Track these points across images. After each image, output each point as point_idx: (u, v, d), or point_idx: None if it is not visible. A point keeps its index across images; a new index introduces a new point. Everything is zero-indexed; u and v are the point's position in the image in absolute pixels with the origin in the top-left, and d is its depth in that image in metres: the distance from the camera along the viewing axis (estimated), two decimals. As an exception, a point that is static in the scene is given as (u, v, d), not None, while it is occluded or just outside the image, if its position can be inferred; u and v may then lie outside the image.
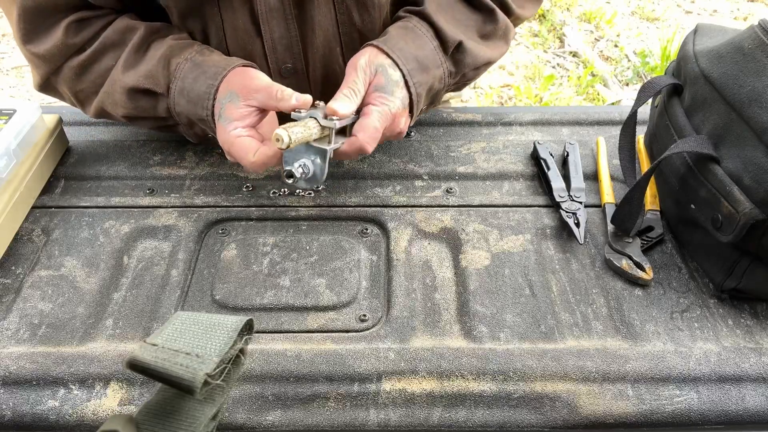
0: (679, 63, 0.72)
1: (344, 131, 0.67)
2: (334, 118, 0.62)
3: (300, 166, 0.63)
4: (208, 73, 0.67)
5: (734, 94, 0.60)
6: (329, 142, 0.64)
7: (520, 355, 0.58)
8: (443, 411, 0.54)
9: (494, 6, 0.76)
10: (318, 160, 0.64)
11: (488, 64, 0.78)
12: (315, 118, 0.62)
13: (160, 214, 0.72)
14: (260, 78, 0.66)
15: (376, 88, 0.67)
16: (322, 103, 0.64)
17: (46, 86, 0.76)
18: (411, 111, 0.71)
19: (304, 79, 0.78)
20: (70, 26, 0.70)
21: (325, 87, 0.79)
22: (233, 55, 0.74)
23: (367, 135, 0.65)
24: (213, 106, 0.66)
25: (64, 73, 0.73)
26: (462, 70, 0.75)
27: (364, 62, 0.67)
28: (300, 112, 0.63)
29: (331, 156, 0.64)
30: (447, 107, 0.93)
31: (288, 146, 0.57)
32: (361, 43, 0.77)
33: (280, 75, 0.76)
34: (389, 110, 0.66)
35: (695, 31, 0.72)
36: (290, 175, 0.63)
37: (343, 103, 0.64)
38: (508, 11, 0.78)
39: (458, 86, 0.80)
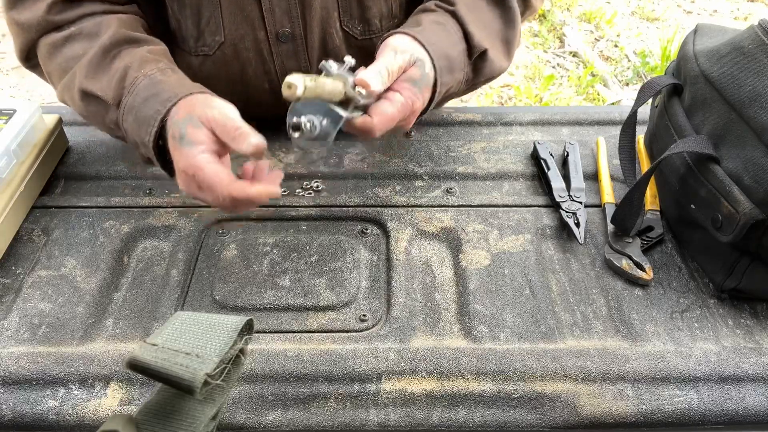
0: (679, 63, 0.71)
1: (363, 106, 0.62)
2: (363, 91, 0.58)
3: (309, 121, 0.56)
4: (161, 96, 0.62)
5: (734, 94, 0.60)
6: (346, 110, 0.58)
7: (520, 355, 0.57)
8: (443, 411, 0.54)
9: (516, 5, 0.74)
10: (327, 123, 0.57)
11: (495, 77, 0.77)
12: (343, 83, 0.56)
13: (160, 214, 0.72)
14: (221, 108, 0.59)
15: (409, 79, 0.63)
16: (352, 61, 0.58)
17: (27, 58, 0.75)
18: (424, 109, 0.69)
19: (302, 45, 0.77)
20: (56, 3, 0.69)
21: (321, 54, 0.78)
22: (231, 20, 0.72)
23: (383, 121, 0.61)
24: (155, 133, 0.62)
25: (40, 48, 0.72)
26: (478, 78, 0.74)
27: (402, 46, 0.64)
28: (330, 65, 0.56)
29: (342, 125, 0.59)
30: (447, 107, 0.93)
31: (299, 98, 0.50)
32: (359, 8, 0.76)
33: (277, 39, 0.75)
34: (412, 104, 0.63)
35: (695, 31, 0.72)
36: (297, 127, 0.56)
37: (377, 80, 0.59)
38: (527, 5, 0.76)
39: (461, 94, 0.80)
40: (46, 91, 2.46)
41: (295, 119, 0.57)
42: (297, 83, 0.49)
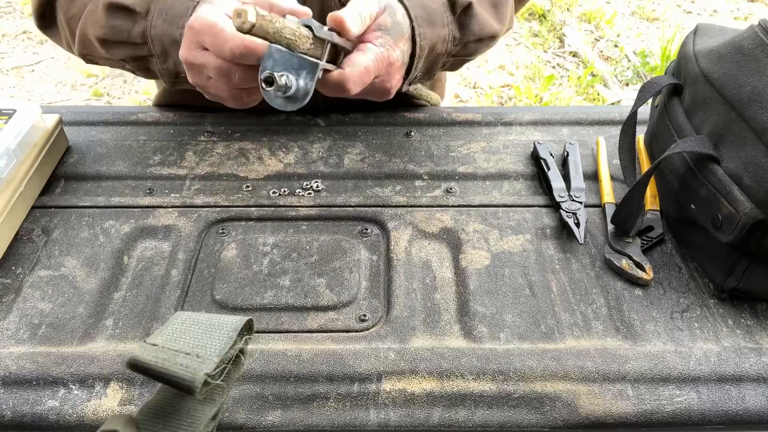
0: (679, 63, 0.72)
1: (335, 60, 0.56)
2: (334, 30, 0.53)
3: (283, 75, 0.52)
4: None
5: (734, 94, 0.60)
6: (317, 60, 0.53)
7: (520, 355, 0.58)
8: (443, 411, 0.54)
9: None
10: (303, 77, 0.53)
11: (492, 39, 0.74)
12: (309, 27, 0.52)
13: (160, 214, 0.72)
14: None
15: (379, 27, 0.58)
16: (314, 22, 0.53)
17: (41, 16, 0.73)
18: (408, 71, 0.65)
19: None
20: None
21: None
22: None
23: (356, 72, 0.55)
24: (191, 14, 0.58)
25: None
26: (467, 37, 0.70)
27: None
28: (314, 22, 0.53)
29: (320, 76, 0.54)
30: (447, 107, 0.93)
31: (250, 30, 0.45)
32: None
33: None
34: (387, 55, 0.58)
35: (695, 31, 0.72)
36: (269, 81, 0.52)
37: (354, 20, 0.54)
38: None
39: (456, 62, 0.76)
40: (46, 91, 2.46)
41: (266, 73, 0.52)
42: (248, 9, 0.44)
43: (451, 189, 0.76)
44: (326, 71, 0.56)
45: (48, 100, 2.40)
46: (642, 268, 0.65)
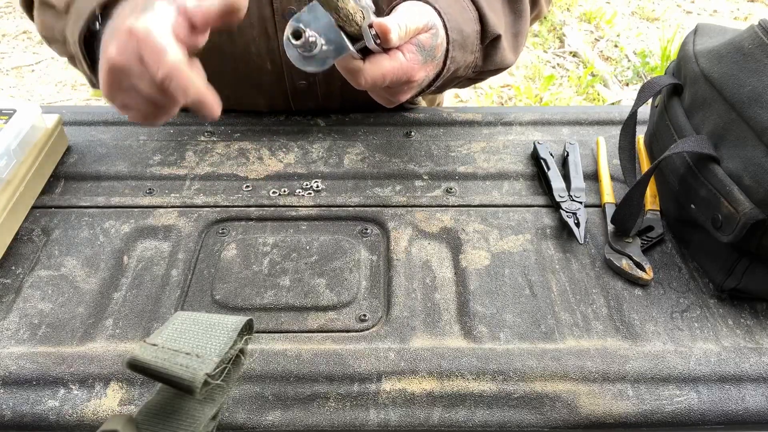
0: (679, 63, 0.72)
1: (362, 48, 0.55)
2: (376, 37, 0.52)
3: (313, 38, 0.51)
4: None
5: (734, 94, 0.60)
6: (350, 44, 0.53)
7: (520, 355, 0.58)
8: (443, 411, 0.54)
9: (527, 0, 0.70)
10: (328, 47, 0.52)
11: (505, 69, 0.75)
12: (364, 15, 0.51)
13: (160, 214, 0.72)
14: None
15: (418, 45, 0.58)
16: (369, 1, 0.52)
17: (26, 4, 0.73)
18: (424, 88, 0.65)
19: None
20: None
21: None
22: None
23: (373, 72, 0.55)
24: (85, 25, 0.56)
25: None
26: (487, 66, 0.70)
27: (418, 10, 0.58)
28: None
29: (340, 60, 0.54)
30: (447, 107, 0.93)
31: None
32: None
33: (283, 18, 0.75)
34: (410, 73, 0.58)
35: (695, 31, 0.72)
36: (298, 35, 0.51)
37: (396, 32, 0.53)
38: (535, 3, 0.74)
39: (466, 84, 0.76)
40: (46, 91, 2.46)
41: (300, 27, 0.51)
42: None
43: (451, 189, 0.76)
44: (354, 57, 0.55)
45: (48, 100, 2.40)
46: (642, 268, 0.65)
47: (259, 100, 0.86)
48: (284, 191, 0.76)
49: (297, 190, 0.76)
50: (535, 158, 0.80)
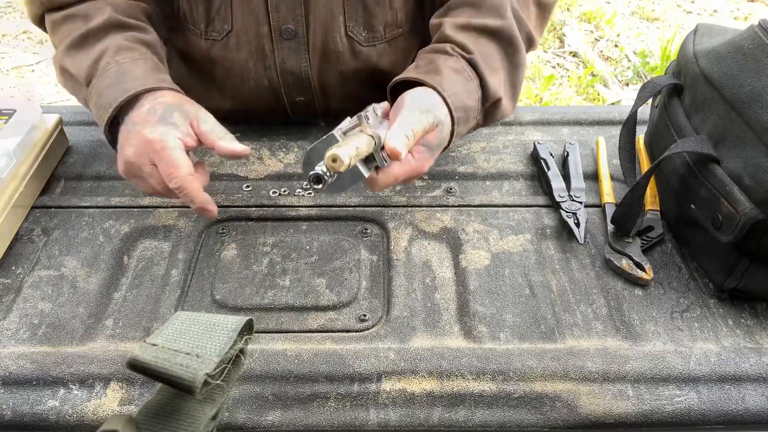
0: (679, 63, 0.72)
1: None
2: (388, 159, 0.59)
3: (330, 173, 0.54)
4: (123, 85, 0.64)
5: (734, 94, 0.60)
6: (368, 169, 0.59)
7: (520, 355, 0.57)
8: (443, 411, 0.54)
9: (522, 42, 0.72)
10: (347, 176, 0.56)
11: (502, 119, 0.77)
12: (375, 142, 0.56)
13: (160, 214, 0.72)
14: (210, 115, 0.65)
15: (426, 144, 0.63)
16: (384, 106, 0.57)
17: (39, 24, 0.78)
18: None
19: (303, 45, 0.78)
20: None
21: (323, 55, 0.79)
22: (240, 11, 0.74)
23: (387, 179, 0.61)
24: (108, 119, 0.64)
25: (46, 22, 0.76)
26: (487, 123, 0.73)
27: (426, 103, 0.62)
28: (368, 115, 0.57)
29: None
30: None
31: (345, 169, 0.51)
32: (364, 15, 0.76)
33: (280, 36, 0.76)
34: (420, 170, 0.63)
35: (695, 31, 0.72)
36: (318, 180, 0.53)
37: (404, 147, 0.57)
38: (531, 43, 0.75)
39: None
40: (46, 91, 2.46)
41: (317, 170, 0.53)
42: (343, 158, 0.49)
43: (451, 189, 0.76)
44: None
45: (48, 100, 2.40)
46: (642, 268, 0.65)
47: (259, 111, 0.86)
48: (284, 191, 0.76)
49: (297, 190, 0.76)
50: (535, 158, 0.80)
